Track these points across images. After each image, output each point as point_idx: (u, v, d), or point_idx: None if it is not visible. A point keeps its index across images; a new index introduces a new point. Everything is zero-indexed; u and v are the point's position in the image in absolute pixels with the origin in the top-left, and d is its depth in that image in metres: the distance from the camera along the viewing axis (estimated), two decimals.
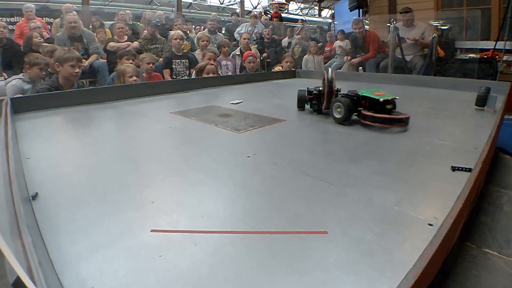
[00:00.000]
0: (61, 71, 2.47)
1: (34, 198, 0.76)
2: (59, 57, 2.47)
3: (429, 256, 0.47)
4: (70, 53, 2.50)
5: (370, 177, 0.90)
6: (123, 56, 3.47)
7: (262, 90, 2.75)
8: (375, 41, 4.91)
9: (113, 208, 0.72)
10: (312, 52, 5.39)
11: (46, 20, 5.98)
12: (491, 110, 1.67)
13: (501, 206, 1.32)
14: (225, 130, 1.39)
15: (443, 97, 2.26)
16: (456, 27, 5.11)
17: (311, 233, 0.62)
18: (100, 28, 4.89)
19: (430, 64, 4.19)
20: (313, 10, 18.50)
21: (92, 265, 0.53)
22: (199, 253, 0.56)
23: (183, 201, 0.77)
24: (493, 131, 1.15)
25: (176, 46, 4.04)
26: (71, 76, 2.48)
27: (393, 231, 0.63)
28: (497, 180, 1.59)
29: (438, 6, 5.62)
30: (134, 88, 2.26)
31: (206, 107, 1.90)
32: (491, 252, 1.00)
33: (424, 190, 0.85)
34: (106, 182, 0.87)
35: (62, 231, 0.63)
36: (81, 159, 1.09)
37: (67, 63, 2.43)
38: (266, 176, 0.92)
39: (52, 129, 1.51)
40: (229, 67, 4.45)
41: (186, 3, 13.30)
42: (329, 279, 0.50)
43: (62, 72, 2.46)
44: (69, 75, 2.46)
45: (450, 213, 0.58)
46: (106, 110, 1.85)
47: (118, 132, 1.50)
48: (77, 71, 2.50)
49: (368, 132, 1.37)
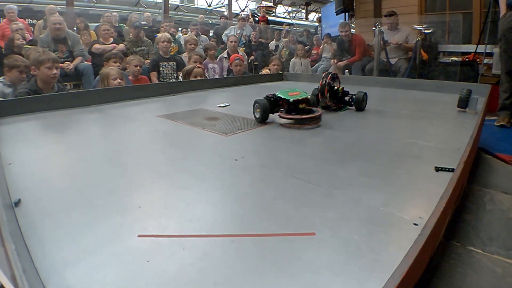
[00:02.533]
0: (38, 74, 2.40)
1: (17, 205, 0.74)
2: (34, 59, 2.41)
3: (414, 255, 0.48)
4: (45, 55, 2.43)
5: (357, 179, 0.91)
6: (110, 59, 3.42)
7: (250, 93, 2.75)
8: (361, 45, 4.98)
9: (100, 213, 0.71)
10: (299, 55, 5.43)
11: (29, 21, 5.85)
12: (473, 112, 1.72)
13: (483, 204, 1.36)
14: (213, 133, 1.38)
15: (426, 99, 2.31)
16: (439, 31, 5.23)
17: (300, 234, 0.62)
18: (85, 30, 4.81)
19: (414, 67, 4.28)
20: (300, 14, 18.67)
21: (79, 271, 0.52)
22: (188, 257, 0.56)
23: (171, 205, 0.76)
24: (474, 132, 1.19)
25: (163, 49, 4.01)
26: (49, 78, 2.41)
27: (380, 231, 0.64)
28: (479, 180, 1.63)
29: (422, 10, 5.75)
30: (119, 91, 2.23)
31: (193, 110, 1.89)
32: (476, 250, 1.03)
33: (410, 190, 0.86)
34: (92, 186, 0.86)
35: (47, 237, 0.62)
36: (66, 163, 1.07)
37: (43, 66, 2.37)
38: (255, 179, 0.92)
39: (35, 133, 1.48)
40: (216, 70, 4.44)
41: (173, 5, 13.23)
42: (319, 280, 0.51)
43: (39, 75, 2.40)
44: (47, 77, 2.40)
45: (434, 213, 0.59)
46: (91, 114, 1.82)
47: (104, 136, 1.47)
48: (55, 73, 2.43)
49: (354, 134, 1.39)
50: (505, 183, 1.58)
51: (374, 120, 1.69)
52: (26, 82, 2.72)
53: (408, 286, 0.50)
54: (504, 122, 2.87)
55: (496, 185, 1.56)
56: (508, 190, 1.50)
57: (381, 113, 1.84)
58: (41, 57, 2.38)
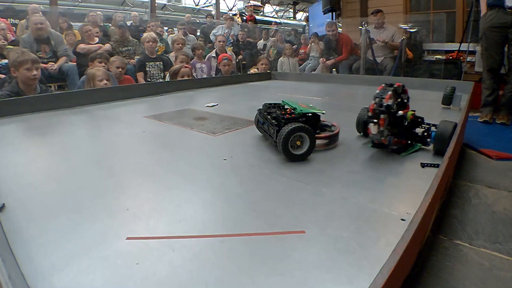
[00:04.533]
0: (18, 76, 2.33)
1: (0, 210, 0.72)
2: (13, 61, 2.33)
3: (402, 250, 0.49)
4: (24, 56, 2.35)
5: (345, 176, 0.92)
6: (95, 59, 3.32)
7: (238, 92, 2.75)
8: (348, 44, 5.03)
9: (87, 217, 0.70)
10: (287, 54, 5.45)
11: (11, 21, 5.70)
12: (457, 109, 1.75)
13: (469, 199, 1.39)
14: (201, 133, 1.38)
15: (412, 96, 2.31)
16: (423, 30, 5.32)
17: (290, 233, 0.63)
18: (68, 29, 4.71)
19: (400, 65, 4.34)
20: (288, 13, 18.72)
21: (67, 276, 0.51)
22: (178, 258, 0.56)
23: (160, 206, 0.76)
24: (458, 128, 1.21)
25: (149, 49, 3.96)
26: (29, 80, 2.33)
27: (369, 227, 0.65)
28: (464, 175, 1.67)
29: (407, 9, 5.85)
30: (105, 91, 2.19)
31: (181, 110, 1.88)
32: (462, 244, 1.05)
33: (396, 186, 0.88)
34: (78, 189, 0.85)
35: (34, 242, 0.60)
36: (51, 166, 1.05)
37: (22, 67, 2.29)
38: (244, 178, 0.92)
39: (19, 136, 1.44)
40: (204, 70, 4.41)
41: (160, 4, 13.08)
42: (309, 278, 0.51)
43: (20, 76, 2.32)
44: (27, 79, 2.32)
45: (420, 208, 0.60)
46: (76, 115, 1.78)
47: (90, 138, 1.45)
48: (35, 74, 2.35)
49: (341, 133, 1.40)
50: (489, 177, 1.62)
51: None
52: (7, 84, 2.64)
53: (397, 281, 0.50)
54: (487, 118, 2.94)
55: (481, 180, 1.59)
56: (493, 184, 1.54)
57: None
58: (19, 58, 2.31)
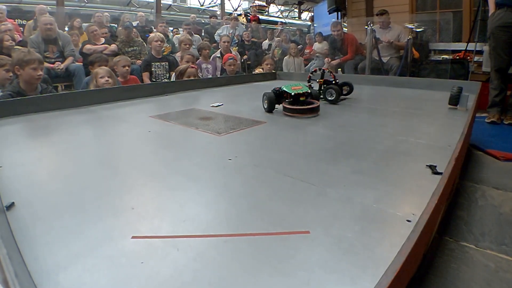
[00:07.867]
0: (22, 75, 2.32)
1: (9, 209, 0.73)
2: (19, 59, 2.32)
3: (407, 252, 0.49)
4: (31, 55, 2.35)
5: (349, 177, 0.91)
6: (95, 63, 3.30)
7: (243, 92, 2.75)
8: (353, 43, 5.01)
9: (92, 216, 0.70)
10: (292, 54, 5.44)
11: (18, 22, 5.77)
12: (463, 109, 1.74)
13: (475, 200, 1.38)
14: (206, 133, 1.38)
15: (418, 97, 2.33)
16: (429, 29, 5.28)
17: (294, 233, 0.63)
18: (75, 30, 4.75)
19: (406, 65, 4.31)
20: (293, 13, 18.70)
21: (71, 275, 0.52)
22: (182, 258, 0.56)
23: (164, 206, 0.76)
24: (465, 129, 1.20)
25: (156, 49, 3.97)
26: (33, 79, 2.34)
27: (373, 228, 0.65)
28: (471, 176, 1.65)
29: (413, 9, 5.81)
30: (111, 92, 2.21)
31: (186, 110, 1.89)
32: (468, 245, 1.04)
33: (402, 187, 0.87)
34: (84, 189, 0.85)
35: (40, 241, 0.61)
36: (57, 166, 1.06)
37: (28, 66, 2.29)
38: (248, 178, 0.92)
39: (25, 136, 1.46)
40: (209, 70, 4.42)
41: (165, 5, 13.14)
42: (313, 278, 0.51)
43: (24, 75, 2.32)
44: (31, 78, 2.32)
45: (426, 209, 0.60)
46: (82, 115, 1.80)
47: (95, 138, 1.46)
48: (40, 74, 2.35)
49: (346, 132, 1.40)
50: (496, 178, 1.61)
51: (366, 118, 1.70)
52: (8, 84, 2.65)
53: (402, 282, 0.50)
54: (494, 118, 2.91)
55: (488, 181, 1.58)
56: (499, 185, 1.52)
57: (373, 111, 1.85)
58: (26, 57, 2.30)
